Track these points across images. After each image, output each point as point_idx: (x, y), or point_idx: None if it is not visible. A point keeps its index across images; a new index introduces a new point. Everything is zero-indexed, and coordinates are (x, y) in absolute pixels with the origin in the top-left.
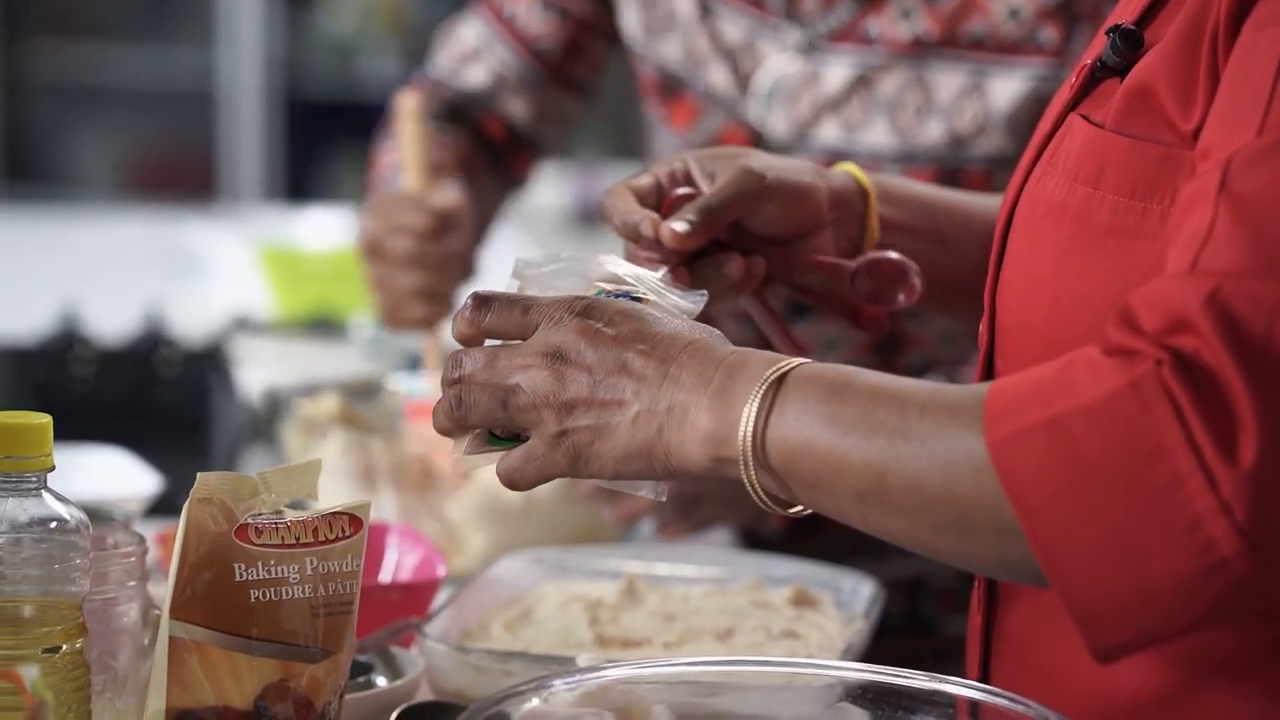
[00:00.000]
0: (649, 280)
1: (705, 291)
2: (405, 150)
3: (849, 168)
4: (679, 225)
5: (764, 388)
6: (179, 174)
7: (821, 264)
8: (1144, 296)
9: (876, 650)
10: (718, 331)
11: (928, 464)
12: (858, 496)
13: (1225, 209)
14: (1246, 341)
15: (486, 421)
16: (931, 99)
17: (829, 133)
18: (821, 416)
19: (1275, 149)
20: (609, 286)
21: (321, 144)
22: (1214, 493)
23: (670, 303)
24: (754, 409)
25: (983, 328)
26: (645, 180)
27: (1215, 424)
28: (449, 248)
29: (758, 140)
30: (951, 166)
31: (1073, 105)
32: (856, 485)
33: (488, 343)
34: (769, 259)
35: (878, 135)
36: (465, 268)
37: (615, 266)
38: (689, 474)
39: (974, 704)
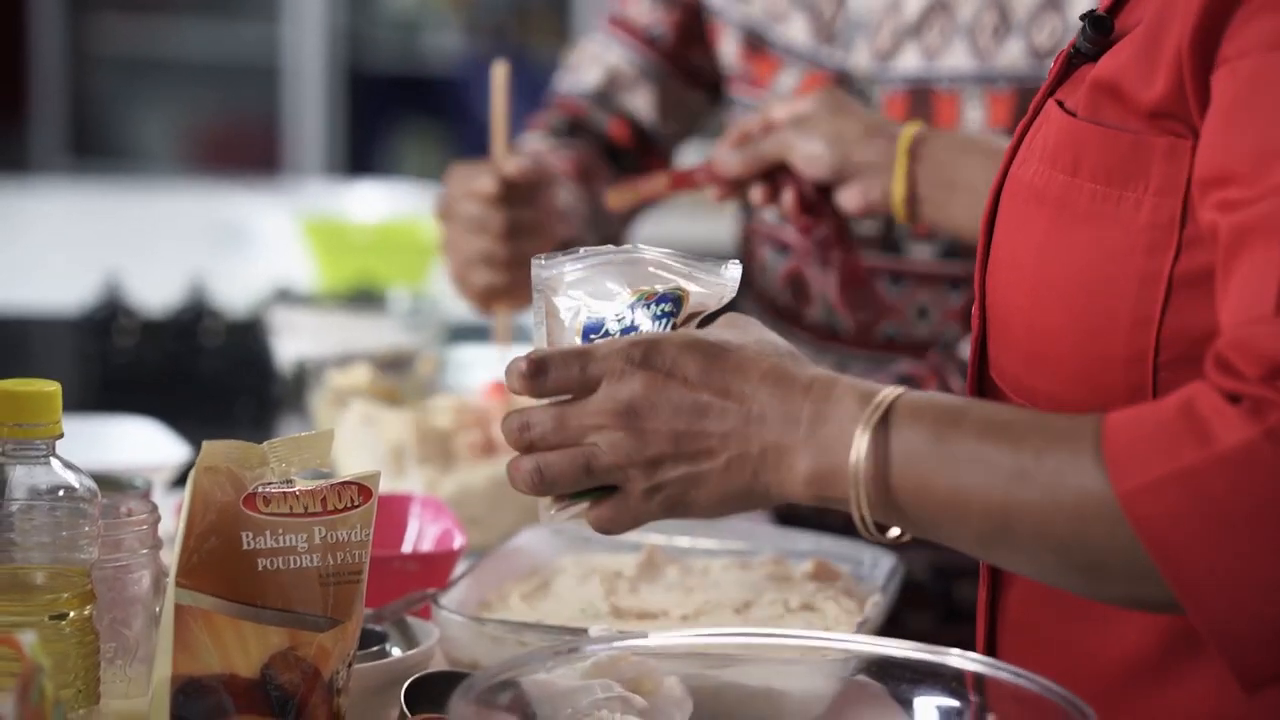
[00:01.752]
0: (677, 267)
1: (738, 260)
2: (493, 121)
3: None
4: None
5: (868, 430)
6: (242, 148)
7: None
8: (1235, 343)
9: (907, 626)
10: (783, 344)
11: (1054, 511)
12: (980, 538)
13: None
14: None
15: (574, 488)
16: (1009, 17)
17: (909, 61)
18: (936, 458)
19: None
20: (646, 289)
21: (384, 119)
22: None
23: (709, 283)
24: (862, 452)
25: (974, 310)
26: None
27: None
28: (519, 217)
29: (839, 82)
30: (1030, 86)
31: (1051, 91)
32: (979, 529)
33: None
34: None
35: (957, 59)
36: (542, 243)
37: (642, 255)
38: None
39: (979, 678)
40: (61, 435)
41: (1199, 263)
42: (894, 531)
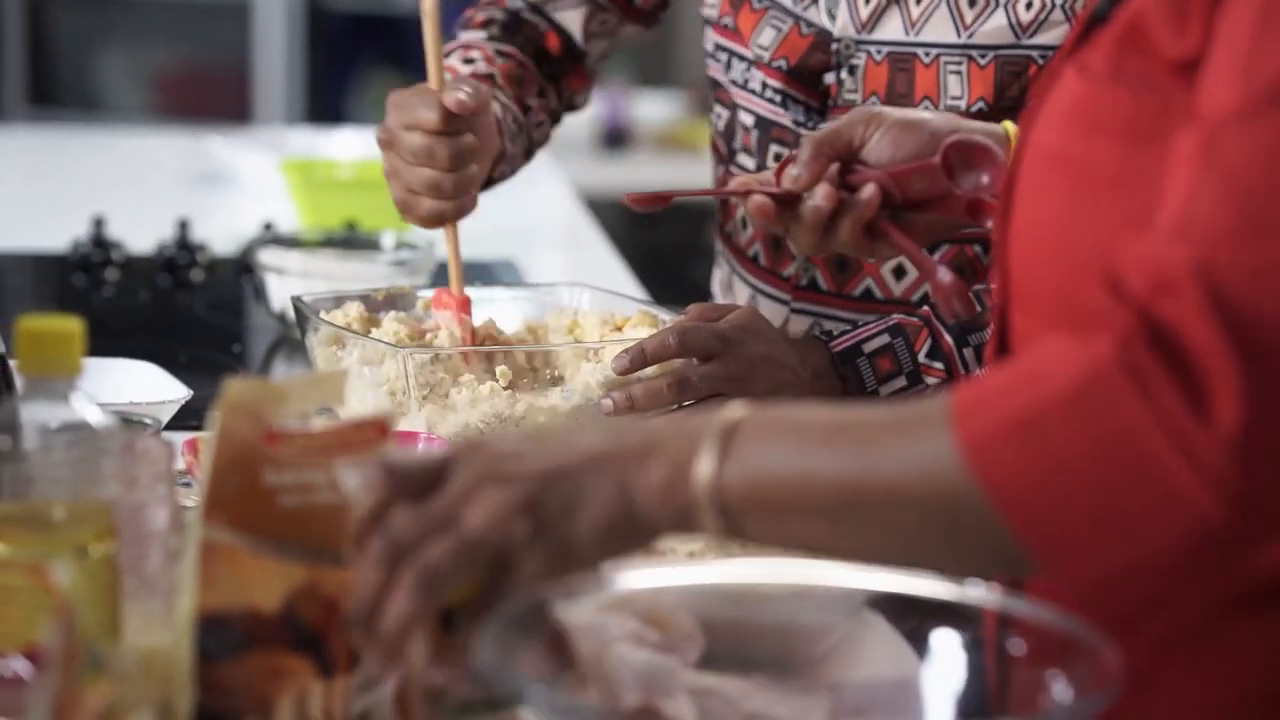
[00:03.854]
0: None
1: None
2: (427, 47)
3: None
4: (792, 169)
5: (716, 436)
6: (211, 93)
7: (911, 168)
8: (1133, 259)
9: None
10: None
11: (904, 469)
12: (834, 514)
13: (1211, 175)
14: (1230, 308)
15: (459, 576)
16: None
17: (891, 29)
18: (783, 443)
19: (1256, 116)
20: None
21: (353, 61)
22: (1193, 463)
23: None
24: (709, 453)
25: (994, 283)
26: None
27: (1191, 394)
28: (462, 144)
29: (822, 42)
30: (1012, 58)
31: (1070, 54)
32: (832, 502)
33: None
34: (882, 185)
35: (940, 30)
36: (482, 166)
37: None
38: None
39: (997, 613)
40: (82, 372)
41: None
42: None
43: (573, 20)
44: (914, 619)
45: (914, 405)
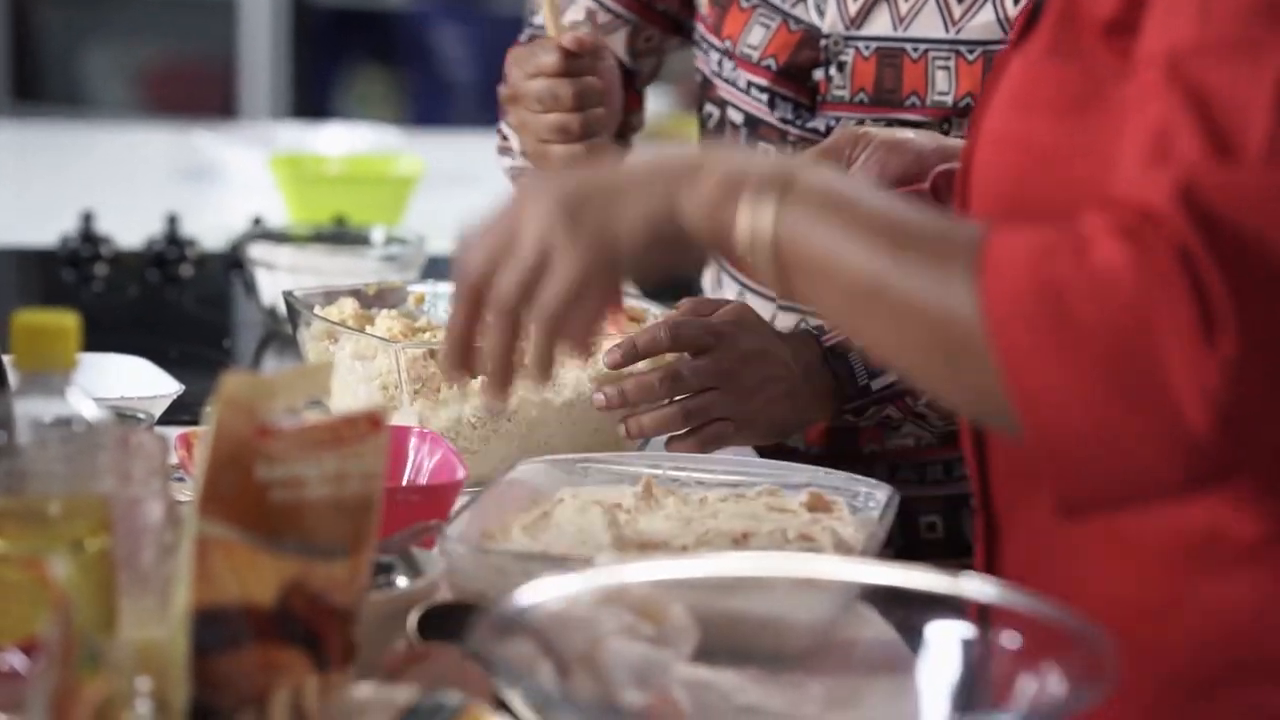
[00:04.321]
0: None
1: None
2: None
3: None
4: None
5: (774, 185)
6: (196, 88)
7: (899, 194)
8: (1118, 195)
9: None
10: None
11: (925, 291)
12: (851, 297)
13: (1179, 101)
14: (1219, 233)
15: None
16: None
17: (880, 25)
18: (830, 218)
19: (1220, 45)
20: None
21: (339, 58)
22: (1192, 372)
23: None
24: (766, 198)
25: None
26: None
27: (1205, 313)
28: (585, 84)
29: (810, 38)
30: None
31: (1015, 45)
32: (853, 288)
33: None
34: None
35: (928, 25)
36: (609, 109)
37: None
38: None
39: (988, 606)
40: (76, 367)
41: None
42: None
43: (618, 42)
44: (904, 611)
45: (955, 230)
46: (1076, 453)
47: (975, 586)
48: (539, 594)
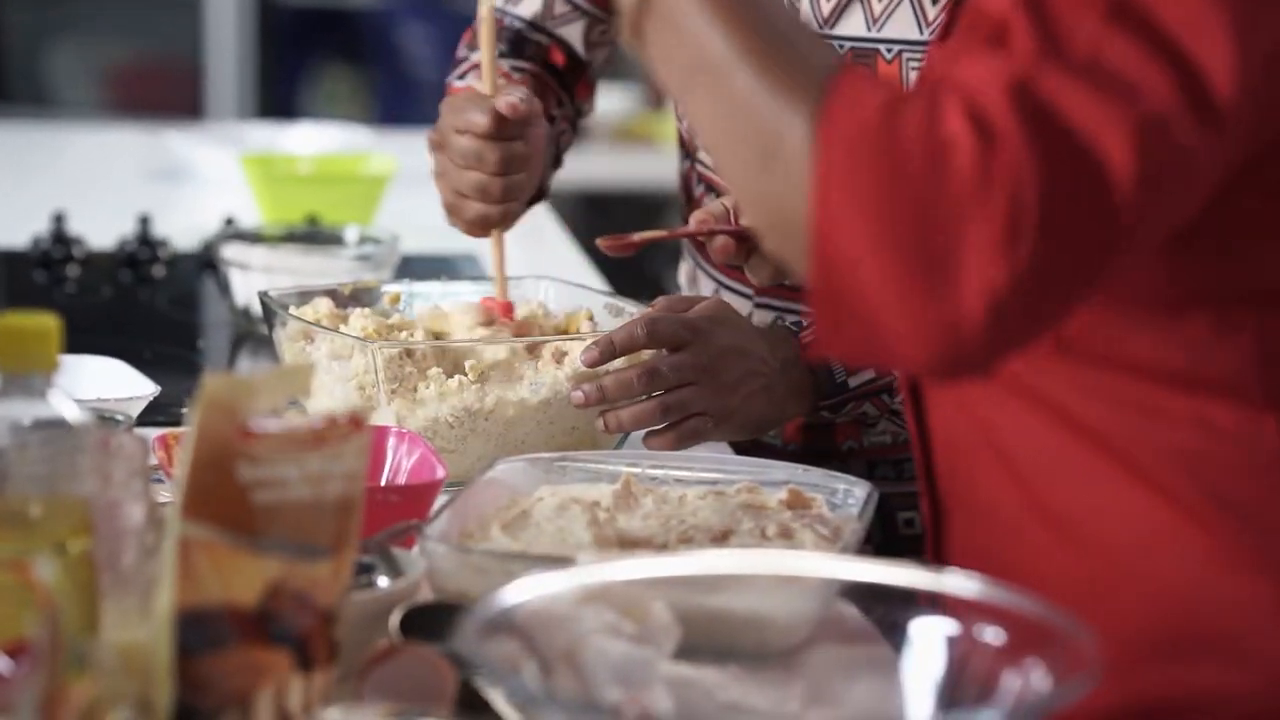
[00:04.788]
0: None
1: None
2: (481, 55)
3: None
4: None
5: None
6: (163, 88)
7: None
8: (963, 77)
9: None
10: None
11: (767, 106)
12: (693, 74)
13: (1023, 11)
14: (1044, 131)
15: None
16: None
17: (853, 25)
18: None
19: None
20: None
21: (304, 57)
22: (985, 267)
23: None
24: None
25: None
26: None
27: (1013, 218)
28: (512, 150)
29: None
30: None
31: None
32: (699, 65)
33: None
34: None
35: (901, 26)
36: (531, 175)
37: None
38: None
39: (967, 601)
40: (57, 369)
41: None
42: None
43: (573, 33)
44: (885, 607)
45: (824, 50)
46: (848, 297)
47: (957, 582)
48: (521, 593)
